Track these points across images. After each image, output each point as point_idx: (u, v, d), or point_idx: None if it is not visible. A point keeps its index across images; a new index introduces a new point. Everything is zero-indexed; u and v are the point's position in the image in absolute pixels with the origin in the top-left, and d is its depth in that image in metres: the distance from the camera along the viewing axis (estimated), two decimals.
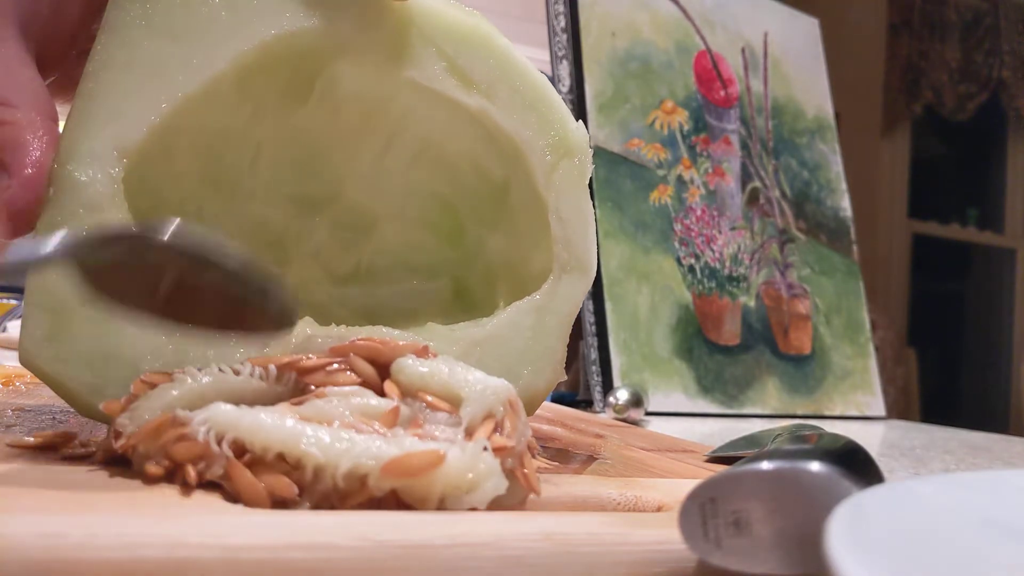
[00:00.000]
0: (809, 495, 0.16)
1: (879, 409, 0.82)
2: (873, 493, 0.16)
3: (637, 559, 0.17)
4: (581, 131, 0.30)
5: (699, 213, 0.77)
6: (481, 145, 0.32)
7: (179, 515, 0.16)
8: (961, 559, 0.14)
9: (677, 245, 0.74)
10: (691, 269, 0.74)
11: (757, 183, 0.82)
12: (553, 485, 0.23)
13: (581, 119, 0.71)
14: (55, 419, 0.28)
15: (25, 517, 0.15)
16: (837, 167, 0.90)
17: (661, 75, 0.78)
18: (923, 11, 3.12)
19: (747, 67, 0.85)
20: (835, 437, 0.22)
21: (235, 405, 0.20)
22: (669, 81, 0.78)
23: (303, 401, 0.21)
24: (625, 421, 0.54)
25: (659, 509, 0.22)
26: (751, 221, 0.81)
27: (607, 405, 0.58)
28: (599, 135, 0.72)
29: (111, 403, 0.21)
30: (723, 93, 0.82)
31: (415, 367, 0.22)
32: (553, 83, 0.72)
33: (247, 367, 0.21)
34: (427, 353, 0.23)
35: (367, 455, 0.18)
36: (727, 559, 0.16)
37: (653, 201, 0.73)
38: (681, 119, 0.78)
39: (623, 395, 0.57)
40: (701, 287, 0.74)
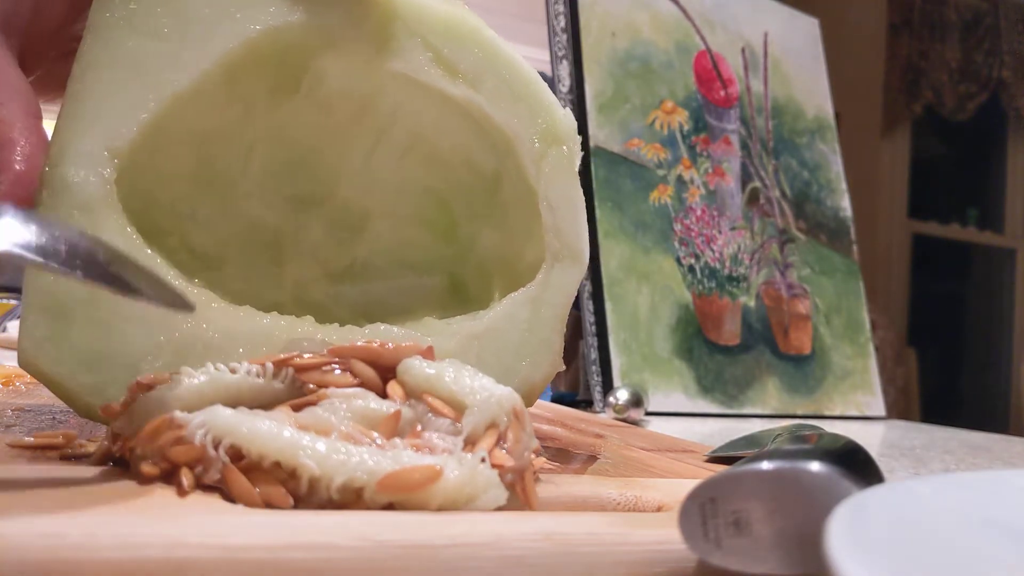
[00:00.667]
0: (809, 495, 0.16)
1: (879, 409, 0.82)
2: (873, 493, 0.16)
3: (637, 559, 0.17)
4: (569, 119, 0.30)
5: (699, 213, 0.77)
6: (471, 137, 0.32)
7: (179, 515, 0.16)
8: (961, 559, 0.14)
9: (677, 245, 0.74)
10: (691, 269, 0.74)
11: (757, 183, 0.82)
12: (553, 485, 0.23)
13: (581, 119, 0.71)
14: (55, 419, 0.28)
15: (25, 517, 0.15)
16: (837, 167, 0.90)
17: (661, 75, 0.78)
18: (923, 11, 3.12)
19: (747, 67, 0.85)
20: (835, 437, 0.22)
21: (234, 406, 0.19)
22: (669, 81, 0.78)
23: (303, 404, 0.21)
24: (625, 421, 0.54)
25: (659, 509, 0.22)
26: (751, 221, 0.81)
27: (607, 405, 0.58)
28: (599, 135, 0.72)
29: (109, 406, 0.21)
30: (723, 93, 0.82)
31: (422, 368, 0.22)
32: (553, 83, 0.72)
33: (244, 365, 0.21)
34: (432, 355, 0.23)
35: (362, 469, 0.18)
36: (727, 559, 0.16)
37: (653, 201, 0.73)
38: (681, 119, 0.78)
39: (623, 395, 0.57)
40: (701, 287, 0.74)
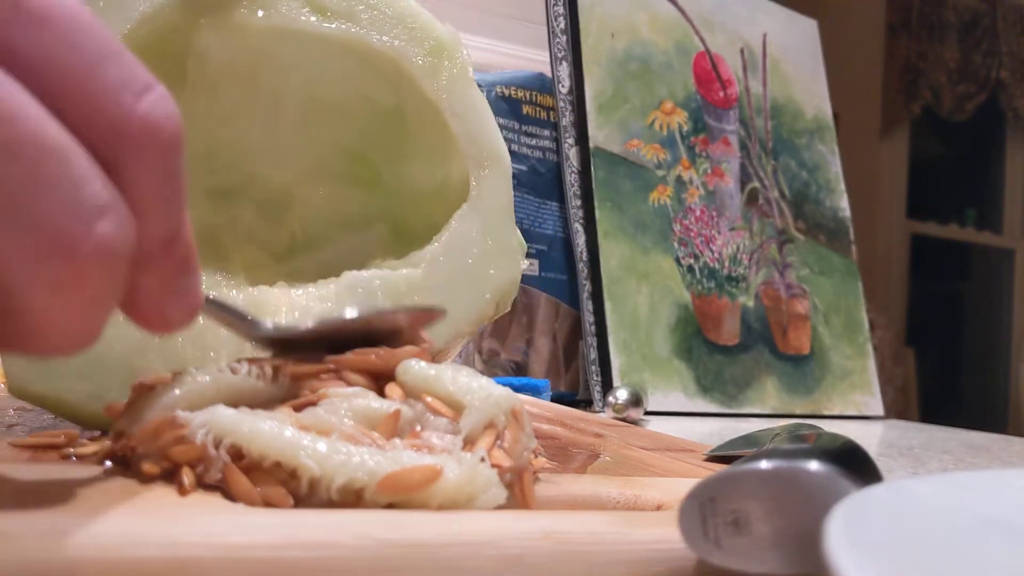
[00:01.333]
0: (808, 494, 0.16)
1: (877, 409, 0.83)
2: (871, 492, 0.16)
3: (637, 558, 0.17)
4: (451, 31, 0.31)
5: (698, 213, 0.77)
6: (361, 77, 0.32)
7: (180, 514, 0.16)
8: (959, 558, 0.14)
9: (676, 245, 0.74)
10: (690, 269, 0.74)
11: (756, 183, 0.83)
12: (553, 484, 0.23)
13: (581, 120, 0.71)
14: (56, 419, 0.28)
15: (26, 516, 0.15)
16: (836, 167, 0.90)
17: (660, 76, 0.78)
18: (921, 12, 3.13)
19: (746, 68, 0.85)
20: (833, 436, 0.22)
21: (235, 406, 0.20)
22: (668, 82, 0.78)
23: (304, 404, 0.21)
24: (625, 420, 0.54)
25: (658, 508, 0.22)
26: (750, 221, 0.81)
27: (607, 404, 0.58)
28: (599, 136, 0.72)
29: (112, 406, 0.21)
30: (722, 94, 0.82)
31: (421, 369, 0.22)
32: (553, 84, 0.72)
33: (244, 366, 0.21)
34: (428, 356, 0.23)
35: (363, 470, 0.18)
36: (726, 558, 0.16)
37: (652, 201, 0.74)
38: (680, 120, 0.78)
39: (622, 394, 0.57)
40: (700, 287, 0.74)
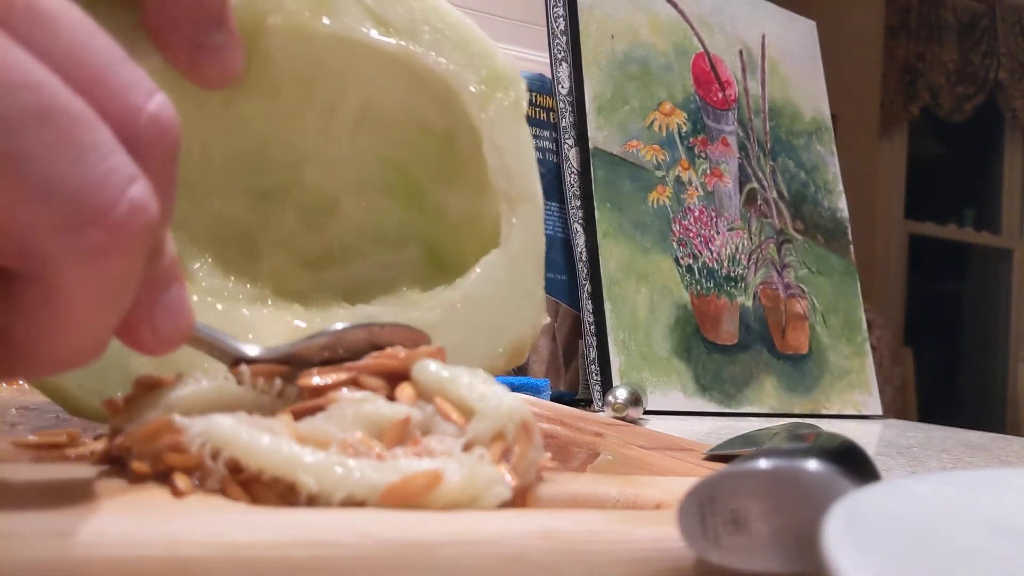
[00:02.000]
0: (806, 493, 0.16)
1: (876, 408, 0.83)
2: (870, 492, 0.16)
3: (636, 556, 0.17)
4: (511, 63, 0.30)
5: (697, 214, 0.77)
6: (416, 95, 0.32)
7: (182, 513, 0.16)
8: (957, 557, 0.14)
9: (675, 246, 0.74)
10: (689, 269, 0.74)
11: (755, 184, 0.83)
12: (553, 483, 0.23)
13: (580, 121, 0.71)
14: (59, 418, 0.28)
15: (28, 516, 0.15)
16: (834, 168, 0.90)
17: (659, 77, 0.78)
18: (920, 13, 3.13)
19: (745, 69, 0.85)
20: (832, 436, 0.22)
21: (234, 413, 0.19)
22: (667, 83, 0.78)
23: (306, 410, 0.20)
24: (624, 420, 0.54)
25: (658, 507, 0.22)
26: (749, 222, 0.81)
27: (606, 404, 0.58)
28: (598, 137, 0.72)
29: (111, 401, 0.21)
30: (721, 95, 0.82)
31: (437, 370, 0.21)
32: (553, 85, 0.73)
33: (247, 373, 0.21)
34: (443, 355, 0.22)
35: (363, 485, 0.18)
36: (725, 557, 0.16)
37: (651, 202, 0.74)
38: (679, 121, 0.78)
39: (622, 394, 0.57)
40: (699, 287, 0.74)
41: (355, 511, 0.18)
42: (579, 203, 0.71)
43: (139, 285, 0.17)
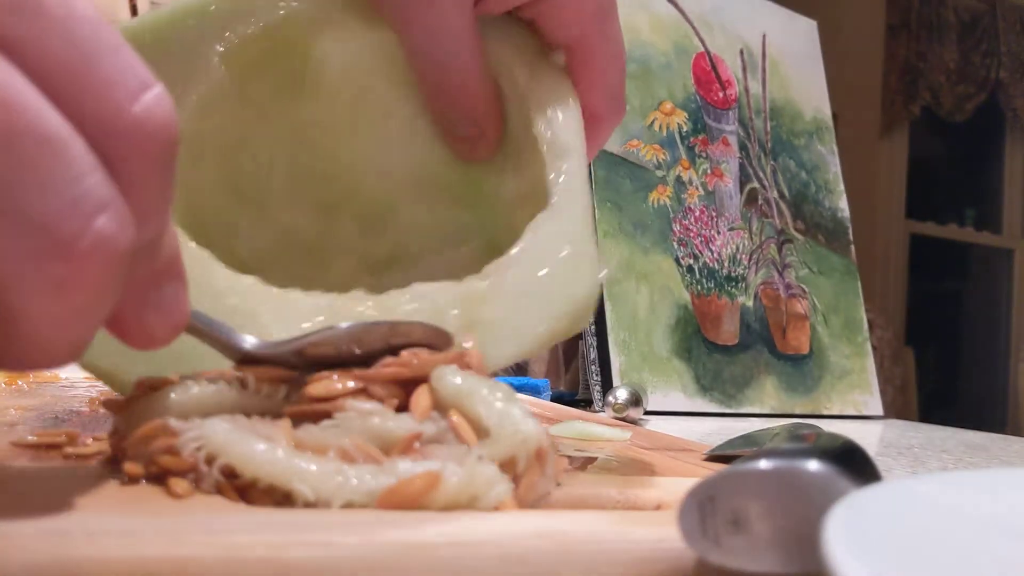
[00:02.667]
0: (807, 494, 0.16)
1: (877, 408, 0.83)
2: (870, 492, 0.16)
3: (636, 557, 0.17)
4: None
5: (698, 214, 0.77)
6: None
7: (180, 513, 0.16)
8: (958, 558, 0.14)
9: (676, 245, 0.74)
10: (690, 269, 0.74)
11: (755, 184, 0.83)
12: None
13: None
14: (58, 418, 0.28)
15: (28, 516, 0.15)
16: (835, 168, 0.90)
17: (660, 77, 0.78)
18: (921, 12, 3.13)
19: (745, 69, 0.85)
20: (833, 436, 0.22)
21: (233, 416, 0.19)
22: (668, 83, 0.78)
23: (307, 414, 0.20)
24: (624, 420, 0.54)
25: (658, 507, 0.22)
26: (749, 222, 0.81)
27: (606, 404, 0.58)
28: None
29: (112, 400, 0.21)
30: (721, 95, 0.82)
31: (456, 381, 0.20)
32: None
33: (252, 380, 0.21)
34: (472, 360, 0.22)
35: (360, 491, 0.18)
36: (726, 557, 0.16)
37: (652, 202, 0.74)
38: (680, 120, 0.78)
39: (622, 394, 0.57)
40: (700, 287, 0.74)
41: (355, 512, 0.18)
42: None
43: (122, 291, 0.16)
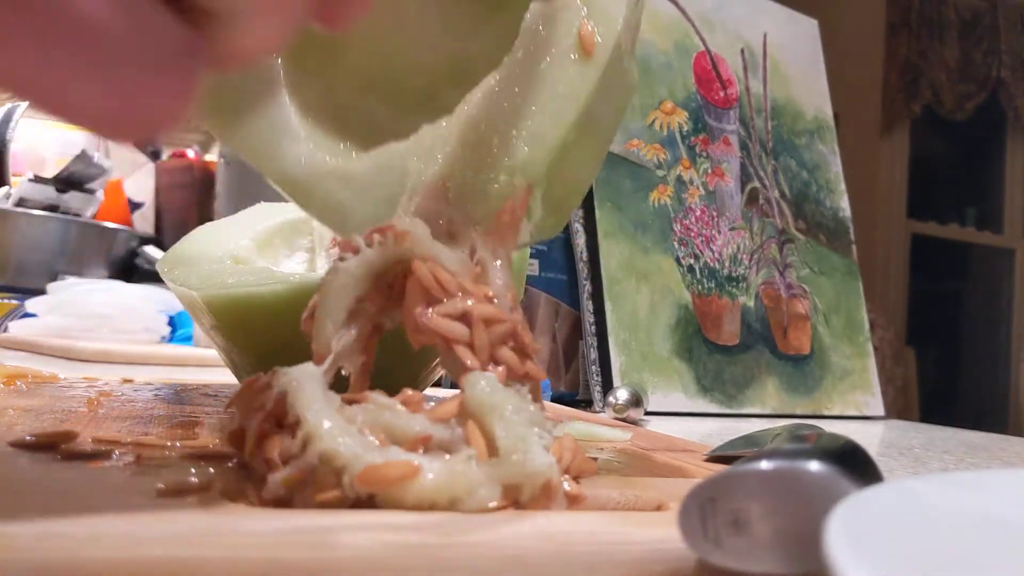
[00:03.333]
0: (808, 494, 0.16)
1: (878, 409, 0.83)
2: (872, 492, 0.16)
3: (637, 558, 0.17)
4: None
5: (698, 213, 0.77)
6: None
7: (180, 513, 0.16)
8: (960, 558, 0.14)
9: (676, 245, 0.74)
10: (690, 269, 0.74)
11: (756, 183, 0.83)
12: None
13: None
14: (56, 418, 0.28)
15: (26, 516, 0.15)
16: (836, 167, 0.90)
17: (660, 76, 0.78)
18: (922, 11, 3.13)
19: (746, 68, 0.85)
20: (834, 436, 0.22)
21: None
22: (668, 82, 0.78)
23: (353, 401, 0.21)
24: (625, 420, 0.54)
25: (659, 508, 0.22)
26: (750, 221, 0.81)
27: (607, 404, 0.58)
28: None
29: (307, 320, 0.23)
30: (722, 94, 0.82)
31: (484, 391, 0.20)
32: None
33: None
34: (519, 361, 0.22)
35: (347, 447, 0.18)
36: (727, 558, 0.16)
37: (652, 201, 0.74)
38: (680, 120, 0.78)
39: (623, 395, 0.57)
40: (700, 287, 0.74)
41: (355, 512, 0.18)
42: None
43: None
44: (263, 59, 0.17)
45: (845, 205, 0.90)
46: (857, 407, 0.81)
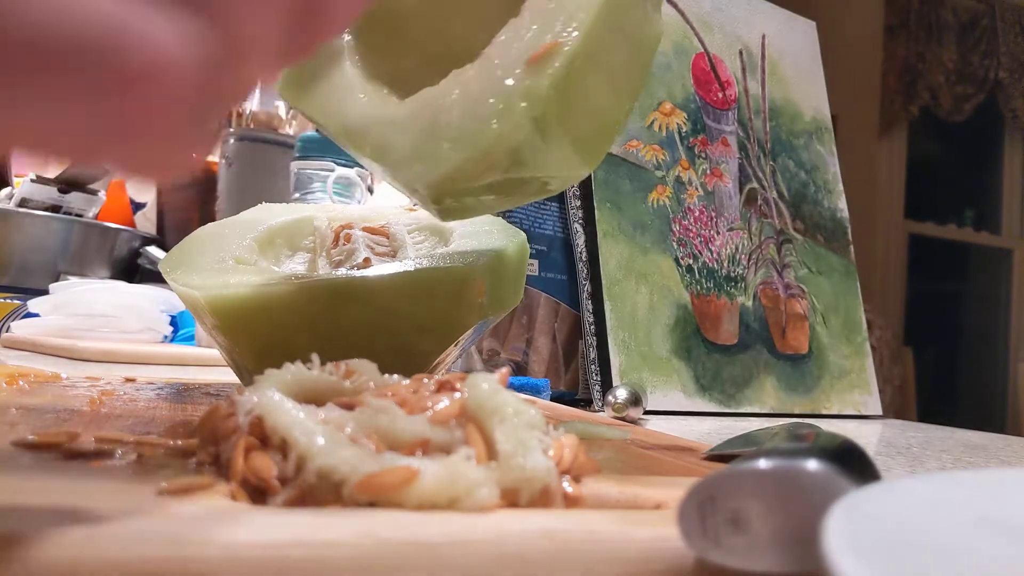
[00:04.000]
0: (806, 493, 0.16)
1: (876, 408, 0.83)
2: (870, 492, 0.16)
3: (636, 556, 0.17)
4: None
5: (697, 214, 0.77)
6: None
7: (180, 513, 0.16)
8: (957, 557, 0.14)
9: (675, 246, 0.74)
10: (689, 269, 0.74)
11: (755, 184, 0.83)
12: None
13: None
14: (58, 417, 0.28)
15: (28, 515, 0.15)
16: (834, 168, 0.90)
17: (659, 77, 0.78)
18: (920, 13, 3.13)
19: (745, 69, 0.85)
20: (832, 436, 0.22)
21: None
22: (667, 83, 0.78)
23: (347, 404, 0.21)
24: (624, 420, 0.54)
25: (657, 507, 0.22)
26: (749, 222, 0.81)
27: (606, 404, 0.58)
28: None
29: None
30: (721, 95, 0.82)
31: (485, 393, 0.20)
32: None
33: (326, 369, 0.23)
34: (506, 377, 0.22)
35: (344, 460, 0.18)
36: (725, 557, 0.16)
37: (651, 202, 0.74)
38: (679, 121, 0.78)
39: (622, 394, 0.57)
40: (699, 287, 0.74)
41: (355, 512, 0.18)
42: (579, 203, 0.71)
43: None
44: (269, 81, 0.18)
45: (843, 206, 0.90)
46: (855, 406, 0.81)
